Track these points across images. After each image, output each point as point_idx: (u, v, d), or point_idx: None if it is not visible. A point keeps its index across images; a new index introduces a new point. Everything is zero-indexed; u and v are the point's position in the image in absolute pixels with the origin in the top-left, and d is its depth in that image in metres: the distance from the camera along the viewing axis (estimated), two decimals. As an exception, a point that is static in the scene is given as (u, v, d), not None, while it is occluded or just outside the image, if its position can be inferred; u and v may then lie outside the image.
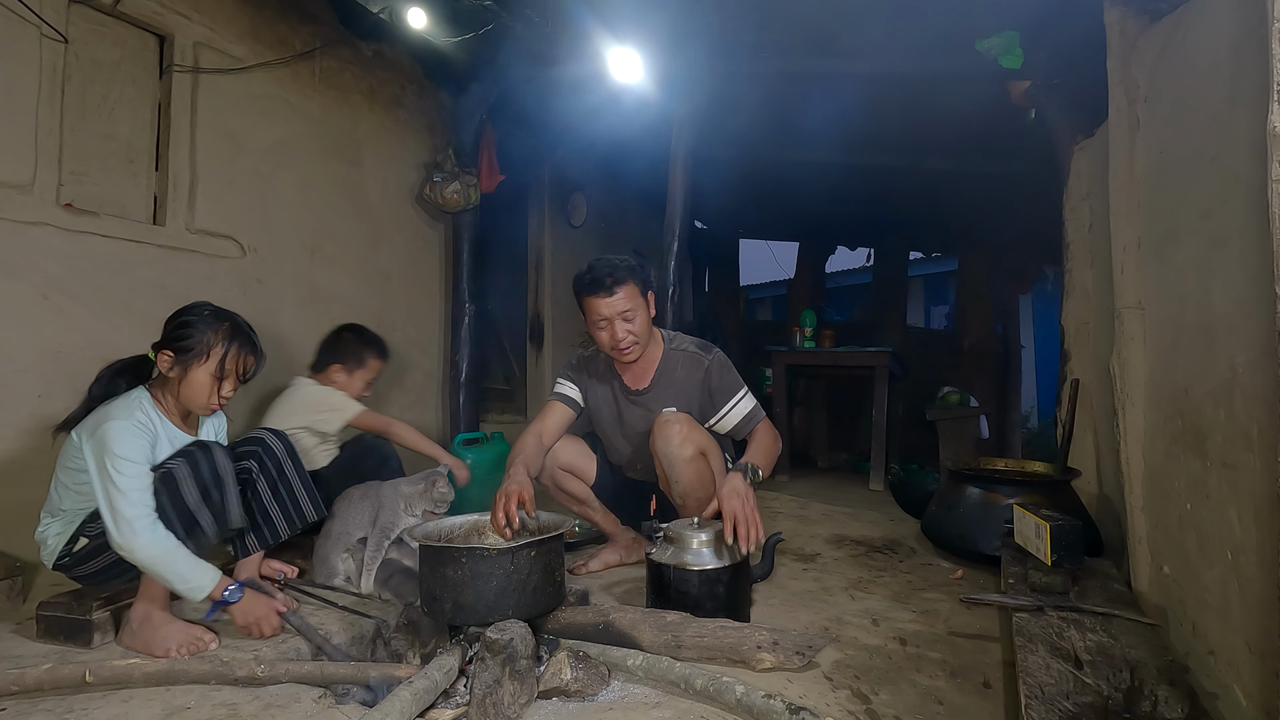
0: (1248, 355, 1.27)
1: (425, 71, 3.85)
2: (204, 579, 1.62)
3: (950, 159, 4.57)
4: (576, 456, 2.31)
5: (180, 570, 1.59)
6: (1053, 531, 1.79)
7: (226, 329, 1.75)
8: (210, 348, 1.72)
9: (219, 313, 1.77)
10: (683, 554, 1.76)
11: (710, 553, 1.75)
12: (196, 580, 1.61)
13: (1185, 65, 1.66)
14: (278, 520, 1.86)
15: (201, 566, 1.62)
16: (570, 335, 5.25)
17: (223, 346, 1.73)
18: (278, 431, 1.92)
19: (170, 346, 1.72)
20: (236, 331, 1.76)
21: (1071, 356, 2.82)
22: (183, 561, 1.60)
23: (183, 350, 1.71)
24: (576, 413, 2.31)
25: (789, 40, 3.38)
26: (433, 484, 2.15)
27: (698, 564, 1.73)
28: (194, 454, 1.68)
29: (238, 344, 1.75)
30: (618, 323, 2.04)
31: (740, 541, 1.76)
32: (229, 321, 1.76)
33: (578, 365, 2.33)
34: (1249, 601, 1.25)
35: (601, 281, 2.03)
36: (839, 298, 10.14)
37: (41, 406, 2.29)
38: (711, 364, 2.15)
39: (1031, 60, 3.04)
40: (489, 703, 1.31)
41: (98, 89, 2.53)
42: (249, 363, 1.78)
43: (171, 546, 1.58)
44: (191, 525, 1.65)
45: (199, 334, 1.72)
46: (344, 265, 3.39)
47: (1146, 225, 1.88)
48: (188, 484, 1.65)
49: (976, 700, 1.48)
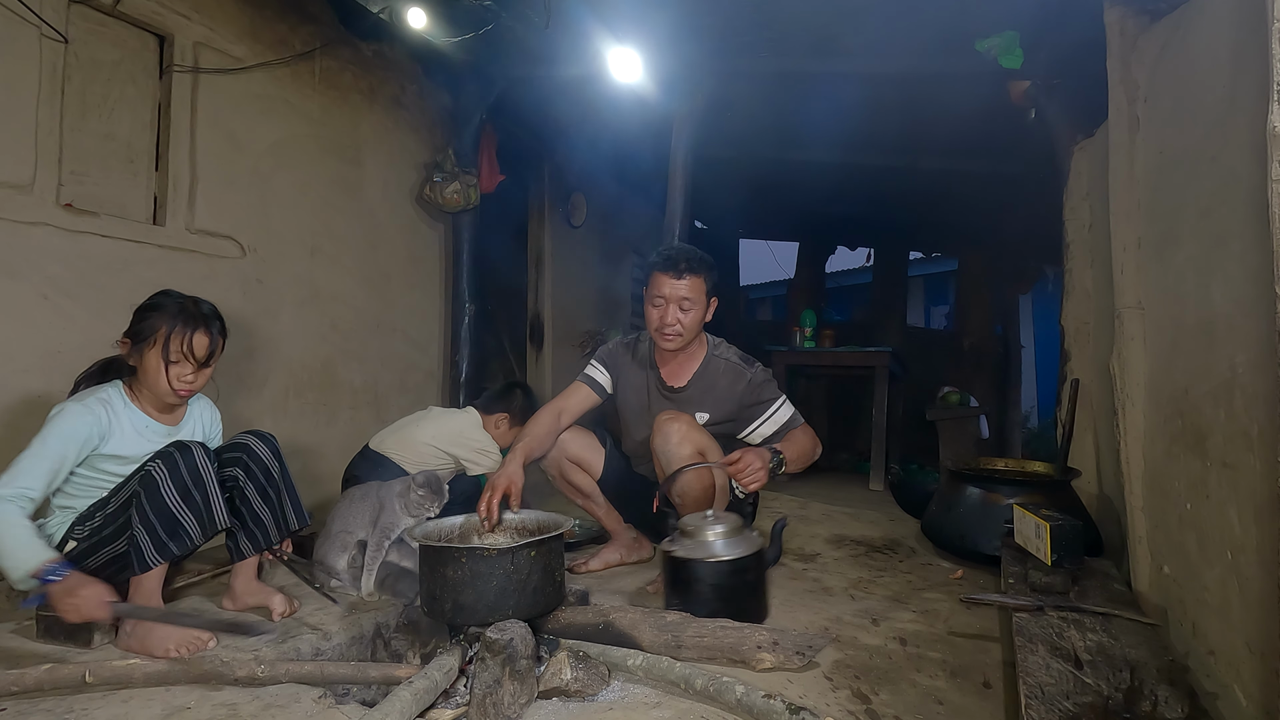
0: (1248, 355, 1.27)
1: (425, 71, 3.85)
2: (27, 558, 1.50)
3: (950, 159, 4.57)
4: (585, 450, 2.31)
5: (11, 547, 1.51)
6: (1053, 531, 1.79)
7: (174, 310, 1.73)
8: (156, 330, 1.71)
9: (174, 296, 1.77)
10: (700, 547, 1.76)
11: (725, 544, 1.76)
12: (20, 558, 1.50)
13: (1185, 65, 1.66)
14: (268, 523, 1.85)
15: (30, 547, 1.51)
16: (570, 335, 5.25)
17: (167, 328, 1.72)
18: (264, 435, 1.89)
19: (127, 334, 1.74)
20: (183, 312, 1.74)
21: (1071, 356, 2.82)
22: (10, 539, 1.51)
23: (135, 336, 1.73)
24: (600, 399, 2.29)
25: (789, 40, 3.38)
26: (407, 487, 2.11)
27: (715, 555, 1.74)
28: (172, 455, 1.65)
29: (181, 323, 1.73)
30: (673, 307, 2.06)
31: (741, 479, 1.82)
32: (179, 304, 1.75)
33: (614, 351, 2.32)
34: (1249, 601, 1.25)
35: (676, 263, 2.06)
36: (839, 298, 10.14)
37: (41, 406, 2.28)
38: (753, 376, 2.16)
39: (1031, 60, 3.04)
40: (489, 703, 1.31)
41: (98, 89, 2.53)
42: (197, 343, 1.74)
43: (19, 527, 1.53)
44: (174, 526, 1.63)
45: (149, 319, 1.72)
46: (344, 265, 3.39)
47: (1146, 225, 1.88)
48: (166, 485, 1.62)
49: (976, 700, 1.48)
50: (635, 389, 2.28)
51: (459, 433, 2.62)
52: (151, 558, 1.62)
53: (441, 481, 2.13)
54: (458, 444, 2.59)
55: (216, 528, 1.74)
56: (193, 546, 1.70)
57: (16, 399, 2.24)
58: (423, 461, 2.50)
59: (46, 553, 1.53)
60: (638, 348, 2.30)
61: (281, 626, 1.75)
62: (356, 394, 3.45)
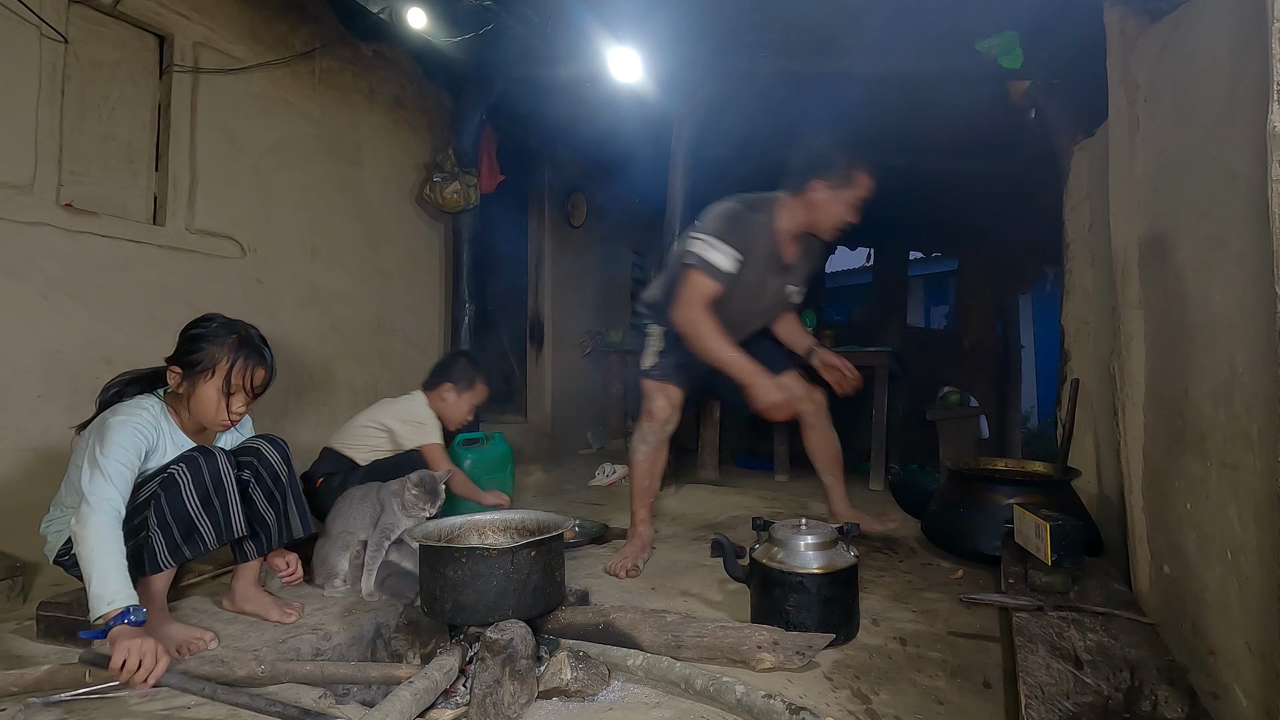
0: (1248, 355, 1.27)
1: (425, 71, 3.85)
2: (115, 593, 1.38)
3: (950, 159, 4.56)
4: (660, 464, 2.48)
5: (107, 570, 1.40)
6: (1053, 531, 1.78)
7: (233, 342, 1.71)
8: (216, 362, 1.68)
9: (228, 324, 1.74)
10: (793, 557, 1.73)
11: (818, 555, 1.73)
12: (109, 590, 1.38)
13: (1185, 65, 1.66)
14: (274, 526, 1.85)
15: (121, 582, 1.40)
16: (570, 335, 5.25)
17: (228, 360, 1.69)
18: (275, 440, 1.89)
19: (179, 362, 1.70)
20: (243, 344, 1.72)
21: (1071, 356, 2.82)
22: (110, 562, 1.41)
23: (189, 365, 1.68)
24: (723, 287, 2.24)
25: (789, 40, 3.38)
26: (403, 487, 2.11)
27: (808, 566, 1.70)
28: (195, 459, 1.65)
29: (244, 357, 1.71)
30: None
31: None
32: (236, 334, 1.73)
33: (741, 226, 2.27)
34: (1249, 601, 1.25)
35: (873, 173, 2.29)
36: (839, 298, 10.14)
37: (41, 406, 2.29)
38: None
39: (1031, 60, 3.04)
40: (489, 703, 1.31)
41: (98, 89, 2.53)
42: (257, 376, 1.75)
43: (114, 548, 1.44)
44: (191, 530, 1.64)
45: (205, 348, 1.69)
46: (344, 265, 3.39)
47: (1146, 225, 1.88)
48: (188, 489, 1.63)
49: (976, 700, 1.48)
50: (757, 267, 2.31)
51: (397, 409, 2.63)
52: (164, 559, 1.62)
53: (436, 481, 2.13)
54: (392, 416, 2.59)
55: (233, 535, 1.73)
56: (205, 551, 1.70)
57: (16, 399, 2.24)
58: (361, 444, 2.52)
59: (131, 592, 1.41)
60: (763, 225, 2.31)
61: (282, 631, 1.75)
62: (356, 394, 3.45)
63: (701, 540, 2.70)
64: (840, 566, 1.72)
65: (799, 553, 1.72)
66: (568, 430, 5.11)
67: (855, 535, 1.81)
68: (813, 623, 1.66)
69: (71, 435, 1.78)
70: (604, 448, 5.14)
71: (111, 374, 2.46)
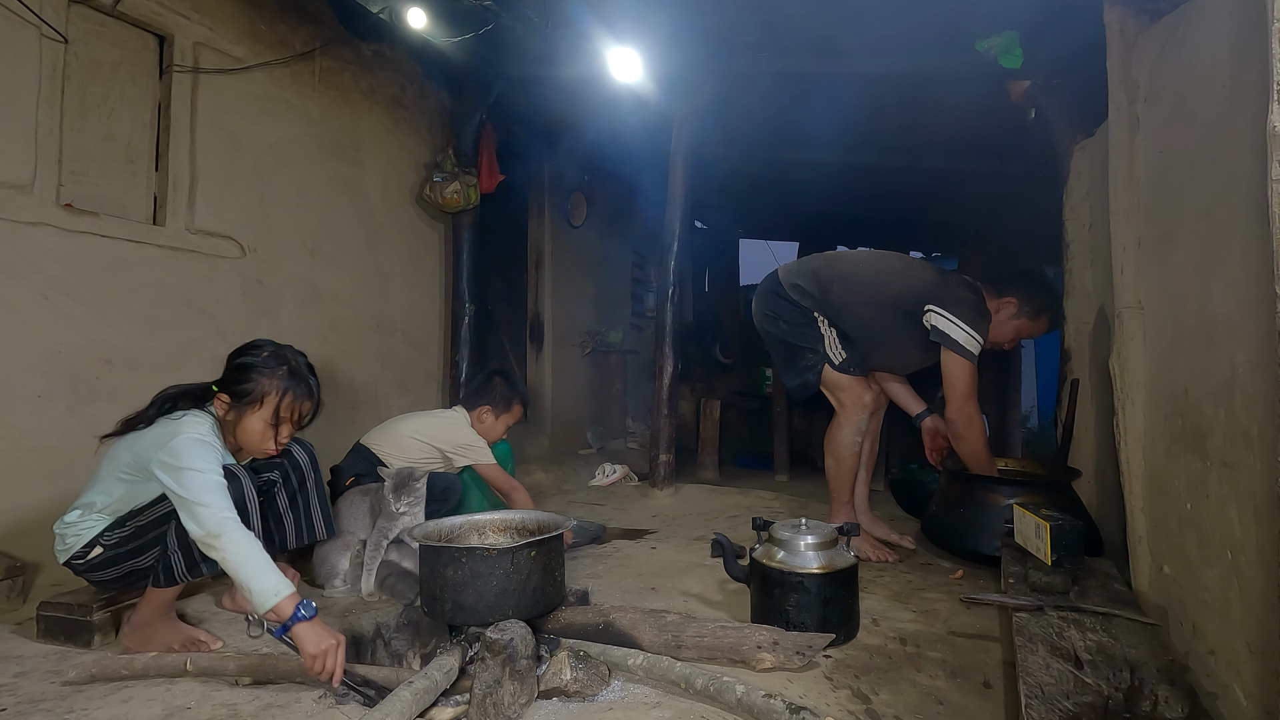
0: (1248, 355, 1.27)
1: (425, 71, 3.85)
2: (276, 584, 1.42)
3: (950, 159, 4.57)
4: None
5: (256, 568, 1.43)
6: (1053, 531, 1.78)
7: (283, 374, 1.69)
8: (265, 394, 1.67)
9: (278, 354, 1.72)
10: (793, 557, 1.73)
11: (818, 555, 1.73)
12: (268, 583, 1.42)
13: (1185, 65, 1.66)
14: (290, 529, 1.86)
15: (275, 575, 1.44)
16: (570, 335, 5.25)
17: (277, 394, 1.68)
18: (304, 443, 1.90)
19: (227, 390, 1.68)
20: (293, 375, 1.71)
21: (1071, 356, 2.82)
22: (259, 561, 1.45)
23: (238, 395, 1.67)
24: None
25: (789, 40, 3.38)
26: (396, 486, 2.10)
27: (808, 566, 1.71)
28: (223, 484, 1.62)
29: (293, 393, 1.70)
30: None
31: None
32: (286, 365, 1.71)
33: (985, 320, 2.47)
34: (1249, 601, 1.25)
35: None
36: (839, 298, 10.10)
37: (41, 406, 2.29)
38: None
39: (1031, 60, 3.04)
40: (489, 703, 1.31)
41: (98, 89, 2.53)
42: (304, 409, 1.74)
43: (255, 546, 1.47)
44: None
45: (256, 380, 1.67)
46: (344, 265, 3.39)
47: (1146, 225, 1.88)
48: None
49: (976, 700, 1.48)
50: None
51: (444, 428, 2.65)
52: (181, 574, 1.62)
53: (410, 478, 2.14)
54: (442, 438, 2.61)
55: None
56: (220, 572, 1.68)
57: (17, 399, 2.24)
58: (407, 454, 2.51)
59: (287, 584, 1.43)
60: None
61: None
62: (356, 394, 3.45)
63: (701, 540, 2.70)
64: (840, 566, 1.72)
65: (799, 553, 1.73)
66: (568, 430, 5.11)
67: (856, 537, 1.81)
68: (813, 623, 1.66)
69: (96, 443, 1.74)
70: (604, 448, 5.14)
71: (111, 374, 2.47)
